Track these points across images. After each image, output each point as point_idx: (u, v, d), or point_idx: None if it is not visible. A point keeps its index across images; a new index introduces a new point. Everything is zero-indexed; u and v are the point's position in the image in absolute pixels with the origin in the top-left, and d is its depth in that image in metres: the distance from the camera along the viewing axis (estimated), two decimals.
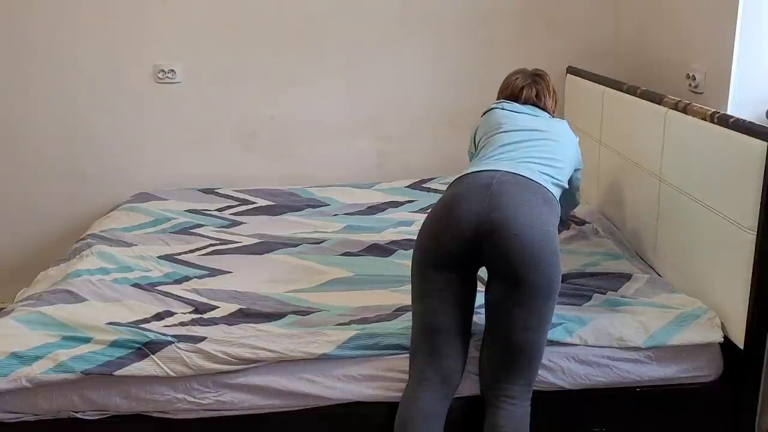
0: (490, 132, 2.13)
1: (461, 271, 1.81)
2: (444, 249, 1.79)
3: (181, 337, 1.87)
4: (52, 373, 1.78)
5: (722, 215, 1.92)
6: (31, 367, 1.79)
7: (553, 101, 2.31)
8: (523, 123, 2.12)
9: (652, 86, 2.52)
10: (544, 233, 1.76)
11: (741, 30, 2.18)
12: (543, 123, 2.15)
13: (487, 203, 1.77)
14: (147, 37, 3.07)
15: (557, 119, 2.25)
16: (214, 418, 1.85)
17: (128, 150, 3.19)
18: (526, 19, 3.17)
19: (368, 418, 1.89)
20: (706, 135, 2.00)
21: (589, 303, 2.08)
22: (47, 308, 2.01)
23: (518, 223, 1.74)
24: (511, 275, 1.73)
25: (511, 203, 1.77)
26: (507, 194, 1.79)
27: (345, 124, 3.25)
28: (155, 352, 1.82)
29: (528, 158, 1.98)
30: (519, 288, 1.72)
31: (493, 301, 1.78)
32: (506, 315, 1.74)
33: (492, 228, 1.74)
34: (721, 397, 1.94)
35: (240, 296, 2.17)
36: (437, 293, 1.80)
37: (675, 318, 1.96)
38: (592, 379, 1.90)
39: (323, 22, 3.11)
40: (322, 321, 2.01)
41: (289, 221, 2.83)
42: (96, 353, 1.83)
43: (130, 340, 1.85)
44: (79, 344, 1.86)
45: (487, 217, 1.75)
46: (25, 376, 1.77)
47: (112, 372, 1.79)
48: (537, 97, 2.25)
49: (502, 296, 1.75)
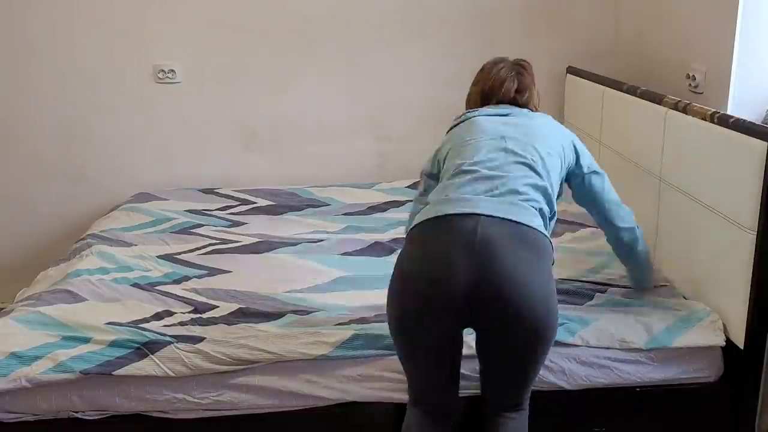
0: (460, 151, 1.80)
1: (450, 334, 1.63)
2: (430, 321, 1.57)
3: (180, 338, 1.87)
4: (51, 373, 1.78)
5: (722, 215, 1.92)
6: (30, 367, 1.79)
7: (537, 96, 2.00)
8: (498, 132, 1.80)
9: (652, 86, 2.52)
10: (544, 296, 1.56)
11: (741, 30, 2.18)
12: (522, 128, 1.82)
13: (476, 266, 1.52)
14: (147, 37, 3.07)
15: (540, 114, 1.94)
16: (214, 418, 1.85)
17: (128, 150, 3.19)
18: (526, 19, 3.16)
19: (368, 418, 1.89)
20: (706, 135, 1.99)
21: (591, 302, 2.08)
22: (47, 308, 2.02)
23: (517, 293, 1.51)
24: (511, 339, 1.58)
25: (505, 265, 1.52)
26: (497, 254, 1.52)
27: (345, 124, 3.25)
28: (154, 352, 1.83)
29: (510, 189, 1.66)
30: (518, 344, 1.59)
31: (490, 351, 1.65)
32: (504, 361, 1.63)
33: (488, 297, 1.52)
34: (721, 397, 1.94)
35: (239, 296, 2.17)
36: (425, 359, 1.65)
37: (677, 320, 1.96)
38: (592, 380, 1.90)
39: (323, 22, 3.11)
40: (321, 321, 2.01)
41: (290, 221, 2.83)
42: (95, 353, 1.83)
43: (129, 340, 1.86)
44: (78, 344, 1.86)
45: (480, 286, 1.51)
46: (25, 376, 1.77)
47: (111, 372, 1.80)
48: (519, 91, 1.95)
49: (497, 350, 1.62)
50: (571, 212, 2.78)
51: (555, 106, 3.27)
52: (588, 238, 2.57)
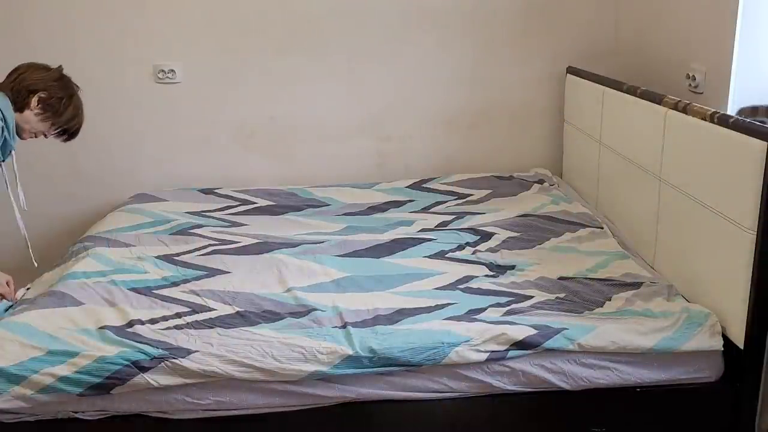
0: None
1: None
2: None
3: (172, 350, 1.85)
4: (41, 395, 1.79)
5: (722, 215, 1.92)
6: (19, 386, 1.79)
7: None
8: None
9: (652, 86, 2.52)
10: None
11: (741, 30, 2.19)
12: None
13: None
14: (147, 37, 3.07)
15: None
16: (214, 417, 1.86)
17: (128, 150, 3.19)
18: (526, 19, 3.16)
19: (368, 418, 1.89)
20: (706, 135, 1.99)
21: (591, 311, 2.06)
22: (38, 312, 2.00)
23: None
24: None
25: None
26: None
27: (345, 124, 3.25)
28: (145, 371, 1.81)
29: None
30: None
31: None
32: None
33: None
34: (721, 397, 1.94)
35: (237, 297, 2.16)
36: None
37: (678, 327, 1.95)
38: (593, 381, 1.90)
39: (323, 22, 3.11)
40: (318, 322, 2.00)
41: (290, 221, 2.83)
42: (82, 373, 1.81)
43: (121, 357, 1.83)
44: (66, 359, 1.83)
45: None
46: (21, 396, 1.79)
47: (109, 392, 1.81)
48: None
49: None
50: (571, 212, 2.78)
51: (555, 106, 3.28)
52: (588, 238, 2.57)
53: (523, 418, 1.95)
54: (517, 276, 2.30)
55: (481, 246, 2.54)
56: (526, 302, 2.11)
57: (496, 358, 1.88)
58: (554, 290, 2.18)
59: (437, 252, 2.49)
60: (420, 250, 2.50)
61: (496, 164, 3.33)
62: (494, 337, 1.89)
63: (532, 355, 1.89)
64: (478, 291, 2.20)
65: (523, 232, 2.64)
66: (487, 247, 2.53)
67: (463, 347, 1.87)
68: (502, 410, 1.92)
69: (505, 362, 1.89)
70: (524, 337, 1.89)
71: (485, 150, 3.32)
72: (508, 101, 3.26)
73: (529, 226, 2.68)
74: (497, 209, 2.88)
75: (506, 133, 3.31)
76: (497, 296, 2.15)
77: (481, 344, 1.88)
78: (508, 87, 3.24)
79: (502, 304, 2.10)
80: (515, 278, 2.28)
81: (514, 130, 3.30)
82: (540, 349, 1.88)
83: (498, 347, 1.88)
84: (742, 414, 1.93)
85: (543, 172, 3.26)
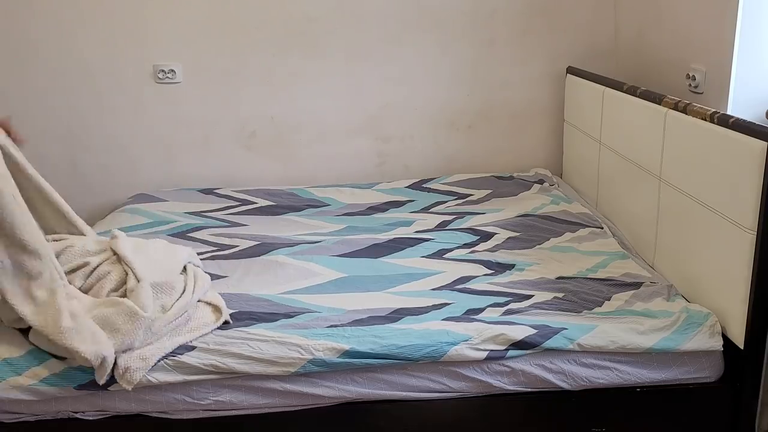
0: None
1: None
2: None
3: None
4: (43, 386, 1.79)
5: (722, 215, 1.92)
6: (22, 376, 1.79)
7: None
8: None
9: (652, 86, 2.52)
10: None
11: (741, 30, 2.18)
12: None
13: None
14: (147, 37, 3.08)
15: None
16: (214, 417, 1.86)
17: (128, 150, 3.20)
18: (526, 19, 3.17)
19: (368, 418, 1.89)
20: (706, 135, 2.00)
21: (591, 311, 2.06)
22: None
23: None
24: None
25: None
26: None
27: (345, 124, 3.25)
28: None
29: None
30: None
31: None
32: None
33: None
34: (721, 397, 1.94)
35: (234, 298, 2.15)
36: None
37: (678, 327, 1.95)
38: (593, 381, 1.90)
39: (323, 22, 3.11)
40: (314, 323, 1.99)
41: (290, 222, 2.83)
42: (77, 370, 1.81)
43: None
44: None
45: None
46: (19, 386, 1.78)
47: (107, 388, 1.80)
48: None
49: None
50: (571, 212, 2.78)
51: (555, 106, 3.28)
52: (588, 238, 2.57)
53: (523, 418, 1.94)
54: (516, 276, 2.30)
55: (480, 246, 2.54)
56: (525, 302, 2.11)
57: (495, 357, 1.88)
58: (553, 290, 2.18)
59: (435, 252, 2.49)
60: (418, 250, 2.50)
61: (496, 164, 3.34)
62: (493, 337, 1.89)
63: (531, 354, 1.89)
64: (477, 291, 2.20)
65: (523, 232, 2.64)
66: (486, 247, 2.53)
67: (462, 346, 1.87)
68: (501, 410, 1.92)
69: (504, 362, 1.89)
70: (524, 337, 1.89)
71: (485, 150, 3.32)
72: (508, 101, 3.26)
73: (529, 226, 2.68)
74: (497, 209, 2.89)
75: (506, 133, 3.31)
76: (496, 296, 2.15)
77: (480, 343, 1.88)
78: (508, 87, 3.24)
79: (501, 304, 2.10)
80: (514, 278, 2.28)
81: (514, 130, 3.31)
82: (539, 348, 1.88)
83: (497, 347, 1.88)
84: (742, 414, 1.93)
85: (543, 172, 3.26)
